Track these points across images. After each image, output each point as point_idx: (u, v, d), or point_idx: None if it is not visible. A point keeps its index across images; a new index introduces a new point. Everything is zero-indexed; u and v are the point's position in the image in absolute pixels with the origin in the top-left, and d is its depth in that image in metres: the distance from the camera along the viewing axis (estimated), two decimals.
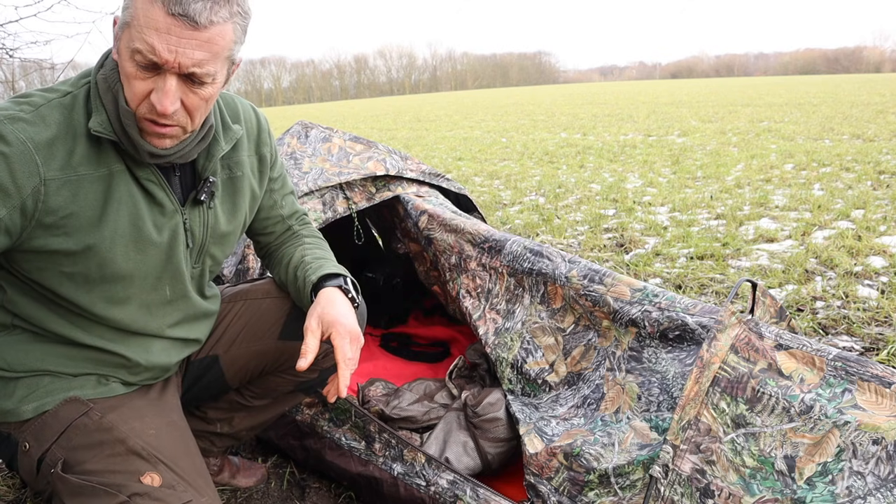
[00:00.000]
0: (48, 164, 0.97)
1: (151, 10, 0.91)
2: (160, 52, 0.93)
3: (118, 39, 0.98)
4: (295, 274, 1.35)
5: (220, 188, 1.22)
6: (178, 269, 1.17)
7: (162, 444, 1.10)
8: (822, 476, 1.12)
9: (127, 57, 0.96)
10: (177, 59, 0.94)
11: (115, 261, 1.06)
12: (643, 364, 1.45)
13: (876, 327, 2.57)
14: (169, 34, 0.92)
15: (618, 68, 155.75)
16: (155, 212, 1.10)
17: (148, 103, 0.98)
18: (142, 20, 0.92)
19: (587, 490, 1.32)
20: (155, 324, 1.19)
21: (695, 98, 20.55)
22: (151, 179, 1.09)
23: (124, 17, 0.96)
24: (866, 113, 11.62)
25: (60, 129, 1.00)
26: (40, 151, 0.97)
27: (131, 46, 0.94)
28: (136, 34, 0.93)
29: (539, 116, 16.41)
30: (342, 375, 1.15)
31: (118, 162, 1.05)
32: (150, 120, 1.00)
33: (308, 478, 1.77)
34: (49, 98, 1.01)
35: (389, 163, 2.15)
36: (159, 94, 0.96)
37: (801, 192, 5.08)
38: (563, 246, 4.04)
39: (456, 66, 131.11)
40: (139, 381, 1.21)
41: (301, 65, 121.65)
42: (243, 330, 1.40)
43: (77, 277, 1.06)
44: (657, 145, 8.83)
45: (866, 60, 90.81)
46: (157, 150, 1.04)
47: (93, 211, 1.03)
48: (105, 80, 1.02)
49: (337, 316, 1.20)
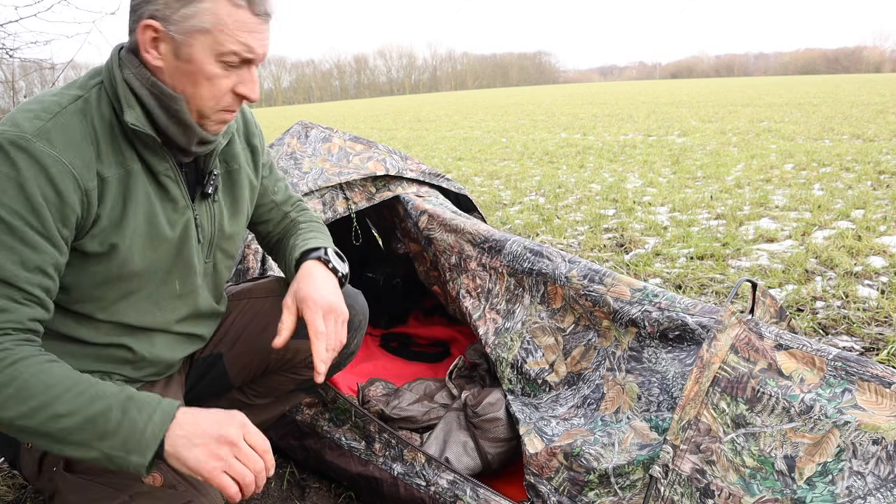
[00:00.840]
0: (83, 174, 0.99)
1: (239, 14, 1.00)
2: (255, 49, 1.03)
3: (185, 46, 1.00)
4: (285, 252, 1.38)
5: (221, 182, 1.24)
6: (190, 263, 1.19)
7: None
8: (822, 476, 1.12)
9: (210, 60, 1.01)
10: (264, 51, 1.06)
11: (132, 259, 1.08)
12: (643, 364, 1.45)
13: (876, 327, 2.57)
14: (257, 32, 1.03)
15: (618, 68, 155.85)
16: (168, 208, 1.13)
17: (230, 95, 1.06)
18: (231, 25, 1.00)
19: (587, 490, 1.32)
20: (163, 318, 1.19)
21: (695, 98, 20.56)
22: (169, 175, 1.11)
23: (194, 24, 0.99)
24: (866, 113, 11.62)
25: (83, 135, 1.01)
26: (75, 163, 0.98)
27: (220, 49, 1.00)
28: (225, 38, 1.00)
29: (539, 116, 16.42)
30: (317, 350, 1.18)
31: (135, 161, 1.07)
32: (229, 110, 1.08)
33: (308, 478, 1.77)
34: (63, 104, 1.02)
35: (389, 163, 2.15)
36: (251, 85, 1.07)
37: (801, 192, 5.08)
38: (563, 246, 4.04)
39: (456, 66, 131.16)
40: (143, 377, 1.21)
41: (301, 65, 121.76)
42: (246, 328, 1.42)
43: (96, 276, 1.07)
44: (657, 145, 8.83)
45: (866, 60, 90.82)
46: (210, 137, 1.11)
47: (115, 212, 1.05)
48: (135, 77, 1.04)
49: (309, 291, 1.22)
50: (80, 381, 0.94)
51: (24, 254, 0.94)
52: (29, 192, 0.94)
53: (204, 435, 0.93)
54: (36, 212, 0.95)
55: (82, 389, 0.93)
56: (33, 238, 0.95)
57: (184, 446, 0.92)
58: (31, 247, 0.95)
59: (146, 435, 0.91)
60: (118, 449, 0.91)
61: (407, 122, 18.17)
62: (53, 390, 0.92)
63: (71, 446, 0.92)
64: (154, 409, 0.94)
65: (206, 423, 0.95)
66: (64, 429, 0.91)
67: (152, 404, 0.94)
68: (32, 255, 0.95)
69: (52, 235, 0.97)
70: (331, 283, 1.26)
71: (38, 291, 0.96)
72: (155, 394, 0.98)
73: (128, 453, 0.90)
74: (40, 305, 0.97)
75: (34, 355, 0.94)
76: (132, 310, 1.14)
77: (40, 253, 0.96)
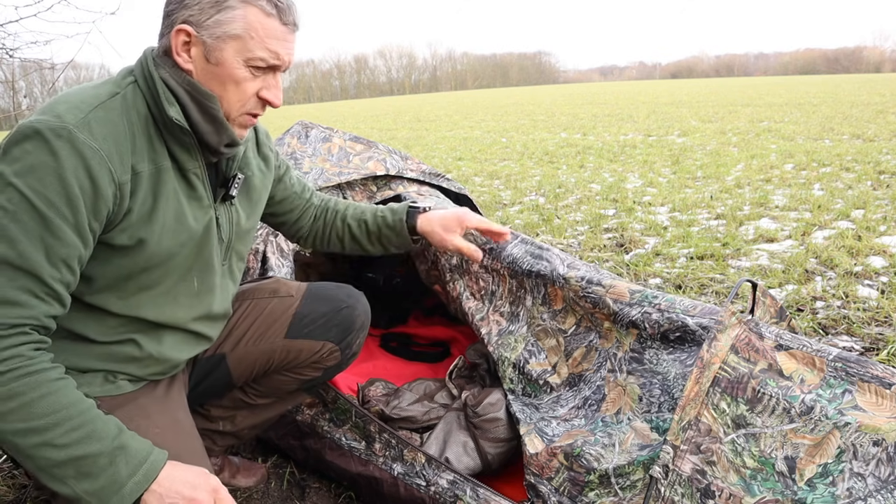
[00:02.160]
0: (118, 168, 1.01)
1: (269, 22, 1.07)
2: (282, 55, 1.10)
3: (216, 50, 1.06)
4: (373, 221, 1.58)
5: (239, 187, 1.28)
6: (209, 261, 1.22)
7: (166, 443, 1.10)
8: (823, 477, 1.12)
9: (239, 65, 1.07)
10: (290, 59, 1.13)
11: (159, 254, 1.10)
12: (644, 365, 1.45)
13: (876, 327, 2.57)
14: (285, 40, 1.10)
15: (618, 68, 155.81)
16: (194, 205, 1.15)
17: (255, 99, 1.12)
18: (261, 32, 1.06)
19: (587, 490, 1.32)
20: (178, 314, 1.20)
21: (695, 98, 20.55)
22: (197, 173, 1.15)
23: (226, 30, 1.05)
24: (866, 113, 11.62)
25: (121, 129, 1.03)
26: (112, 157, 1.00)
27: (248, 55, 1.07)
28: (254, 45, 1.06)
29: (539, 116, 16.41)
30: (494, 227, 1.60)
31: (165, 158, 1.10)
32: (253, 114, 1.14)
33: (308, 478, 1.77)
34: (102, 98, 1.04)
35: (389, 163, 2.15)
36: (274, 91, 1.13)
37: (801, 192, 5.08)
38: (564, 246, 4.04)
39: (456, 66, 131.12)
40: (147, 376, 1.21)
41: (301, 65, 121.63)
42: (250, 329, 1.43)
43: (122, 268, 1.08)
44: (657, 145, 8.83)
45: (866, 60, 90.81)
46: (238, 140, 1.16)
47: (146, 207, 1.07)
48: (171, 77, 1.08)
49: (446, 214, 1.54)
50: (82, 412, 0.96)
51: (52, 246, 0.95)
52: (67, 182, 0.94)
53: (176, 495, 0.98)
54: (71, 203, 0.95)
55: (80, 423, 0.94)
56: (63, 230, 0.95)
57: (156, 502, 0.97)
58: (60, 239, 0.95)
59: (125, 490, 0.95)
60: (92, 495, 0.93)
61: (407, 122, 18.17)
62: (54, 417, 0.93)
63: (47, 476, 0.93)
64: (141, 463, 0.97)
65: (180, 483, 0.99)
66: (49, 459, 0.92)
67: (141, 458, 0.98)
68: (60, 248, 0.95)
69: (82, 228, 0.97)
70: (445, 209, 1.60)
71: (59, 286, 0.97)
72: (147, 443, 1.01)
73: (101, 502, 0.94)
74: (58, 301, 0.98)
75: (46, 369, 0.95)
76: (150, 303, 1.15)
77: (67, 246, 0.96)
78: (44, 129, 0.94)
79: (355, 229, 1.59)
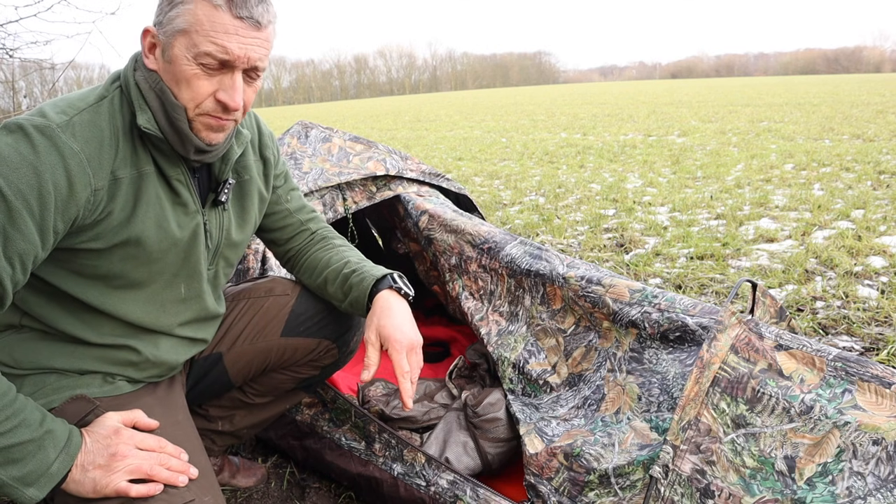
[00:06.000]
0: (97, 173, 1.01)
1: (217, 16, 1.00)
2: (232, 50, 1.02)
3: (169, 47, 1.03)
4: (344, 281, 1.38)
5: (230, 192, 1.25)
6: (196, 268, 1.20)
7: None
8: (823, 476, 1.12)
9: (187, 61, 1.02)
10: (246, 55, 1.03)
11: (137, 258, 1.09)
12: (644, 365, 1.45)
13: (876, 327, 2.57)
14: (237, 35, 1.02)
15: (618, 68, 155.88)
16: (179, 211, 1.14)
17: (212, 101, 1.05)
18: (207, 25, 1.00)
19: (587, 490, 1.32)
20: (167, 321, 1.20)
21: (695, 98, 20.55)
22: (180, 179, 1.12)
23: (175, 25, 1.01)
24: (866, 113, 11.62)
25: (105, 134, 1.03)
26: (92, 161, 1.00)
27: (195, 51, 1.01)
28: (200, 39, 1.00)
29: (539, 116, 16.41)
30: (404, 388, 1.25)
31: (148, 163, 1.09)
32: (213, 115, 1.07)
33: (308, 478, 1.77)
34: (90, 102, 1.04)
35: (389, 163, 2.15)
36: (230, 91, 1.05)
37: (801, 192, 5.08)
38: (563, 246, 4.04)
39: (456, 66, 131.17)
40: (145, 378, 1.21)
41: (301, 65, 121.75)
42: (246, 328, 1.43)
43: (99, 275, 1.08)
44: (657, 145, 8.83)
45: (866, 60, 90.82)
46: (205, 146, 1.10)
47: (124, 212, 1.06)
48: (145, 80, 1.06)
49: (392, 330, 1.26)
50: (10, 403, 0.94)
51: (11, 238, 0.93)
52: (42, 177, 0.94)
53: (94, 461, 0.99)
54: (41, 199, 0.94)
55: (10, 414, 0.93)
56: (27, 224, 0.94)
57: (80, 476, 0.97)
58: (21, 232, 0.94)
59: (51, 470, 0.95)
60: (18, 480, 0.92)
61: (407, 122, 18.17)
62: None
63: None
64: (64, 443, 0.97)
65: (95, 452, 1.00)
66: None
67: (64, 438, 0.98)
68: (19, 241, 0.94)
69: (45, 227, 0.96)
70: (407, 314, 1.31)
71: (8, 282, 0.95)
72: (63, 422, 1.01)
73: (26, 486, 0.93)
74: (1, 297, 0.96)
75: None
76: (136, 306, 1.14)
77: (27, 242, 0.95)
78: (27, 126, 0.95)
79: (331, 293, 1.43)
